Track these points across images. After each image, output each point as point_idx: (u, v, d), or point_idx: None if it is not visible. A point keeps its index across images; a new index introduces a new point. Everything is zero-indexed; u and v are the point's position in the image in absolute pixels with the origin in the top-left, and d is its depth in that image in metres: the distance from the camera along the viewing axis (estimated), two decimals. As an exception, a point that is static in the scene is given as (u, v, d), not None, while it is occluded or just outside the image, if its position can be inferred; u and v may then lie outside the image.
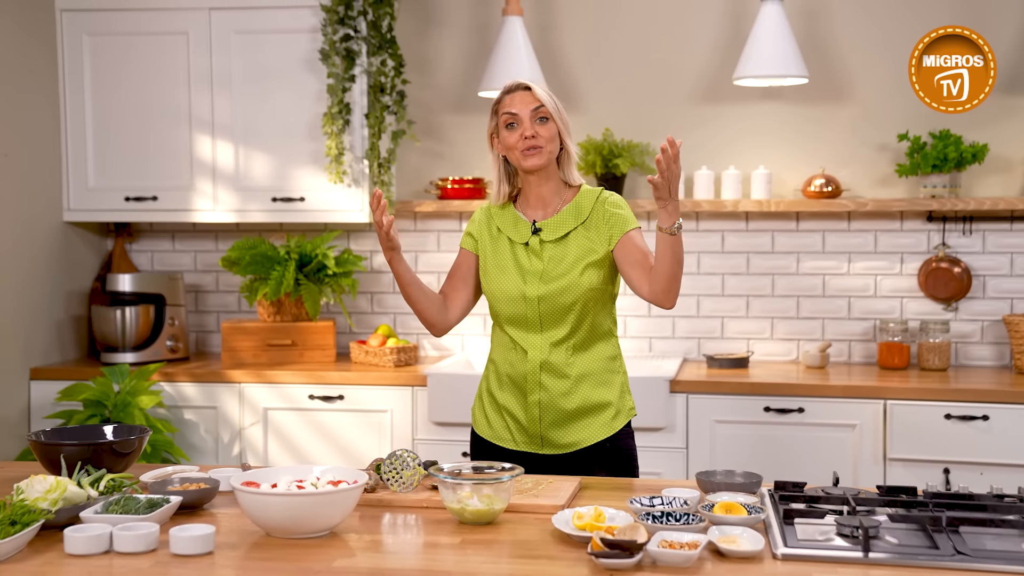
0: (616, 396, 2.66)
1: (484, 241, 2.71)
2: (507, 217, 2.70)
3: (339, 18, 4.09)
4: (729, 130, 4.32)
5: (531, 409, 2.62)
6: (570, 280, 2.58)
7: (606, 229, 2.60)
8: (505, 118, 2.61)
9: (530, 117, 2.58)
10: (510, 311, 2.64)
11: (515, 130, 2.60)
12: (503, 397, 2.68)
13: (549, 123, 2.60)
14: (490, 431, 2.71)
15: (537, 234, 2.64)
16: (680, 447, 3.83)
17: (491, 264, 2.68)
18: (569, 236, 2.62)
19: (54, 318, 4.35)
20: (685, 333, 4.38)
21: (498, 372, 2.71)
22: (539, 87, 2.63)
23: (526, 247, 2.65)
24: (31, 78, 4.20)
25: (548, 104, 2.60)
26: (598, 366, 2.64)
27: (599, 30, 4.39)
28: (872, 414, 3.74)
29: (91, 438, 2.47)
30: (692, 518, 2.00)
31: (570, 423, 2.61)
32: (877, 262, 4.26)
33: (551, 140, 2.60)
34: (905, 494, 2.20)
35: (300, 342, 4.25)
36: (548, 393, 2.61)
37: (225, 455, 4.09)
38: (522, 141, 2.58)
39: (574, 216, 2.63)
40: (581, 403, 2.61)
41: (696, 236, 4.35)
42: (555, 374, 2.60)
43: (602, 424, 2.62)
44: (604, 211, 2.62)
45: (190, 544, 1.86)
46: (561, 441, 2.62)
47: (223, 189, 4.28)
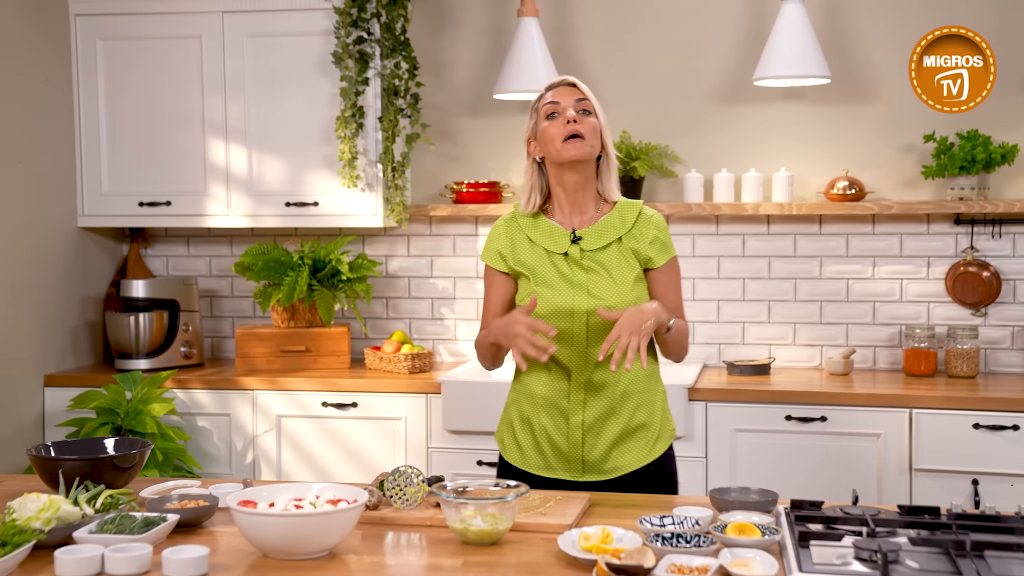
0: (659, 416, 2.54)
1: (520, 256, 2.54)
2: (540, 227, 2.54)
3: (352, 20, 4.04)
4: (749, 132, 4.24)
5: (573, 432, 2.47)
6: (622, 294, 2.45)
7: (647, 248, 2.49)
8: (547, 108, 2.49)
9: (573, 106, 2.47)
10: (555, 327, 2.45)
11: (556, 120, 2.47)
12: (540, 420, 2.51)
13: (592, 117, 2.48)
14: (522, 458, 2.54)
15: (577, 243, 2.49)
16: (699, 456, 3.75)
17: (536, 279, 2.50)
18: (611, 247, 2.49)
19: (69, 324, 4.32)
20: (705, 339, 4.30)
21: (531, 394, 2.53)
22: (582, 84, 2.54)
23: (565, 257, 2.50)
24: (46, 84, 4.17)
25: (592, 98, 2.51)
26: (640, 385, 2.51)
27: (616, 31, 4.31)
28: (897, 423, 3.64)
29: (91, 453, 2.42)
30: (703, 540, 1.93)
31: (613, 447, 2.47)
32: (903, 266, 4.16)
33: (593, 134, 2.47)
34: (928, 514, 2.11)
35: (314, 348, 4.20)
36: (592, 413, 2.47)
37: (238, 463, 4.05)
38: (564, 127, 2.44)
39: (616, 227, 2.50)
40: (626, 424, 2.48)
41: (716, 240, 4.26)
42: (600, 393, 2.47)
43: (644, 447, 2.49)
44: (648, 232, 2.50)
45: (182, 567, 1.80)
46: (603, 466, 2.48)
47: (236, 194, 4.23)
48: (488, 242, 2.61)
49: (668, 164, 4.27)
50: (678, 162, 4.28)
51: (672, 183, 4.29)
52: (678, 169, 4.28)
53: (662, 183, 4.30)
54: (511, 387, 2.63)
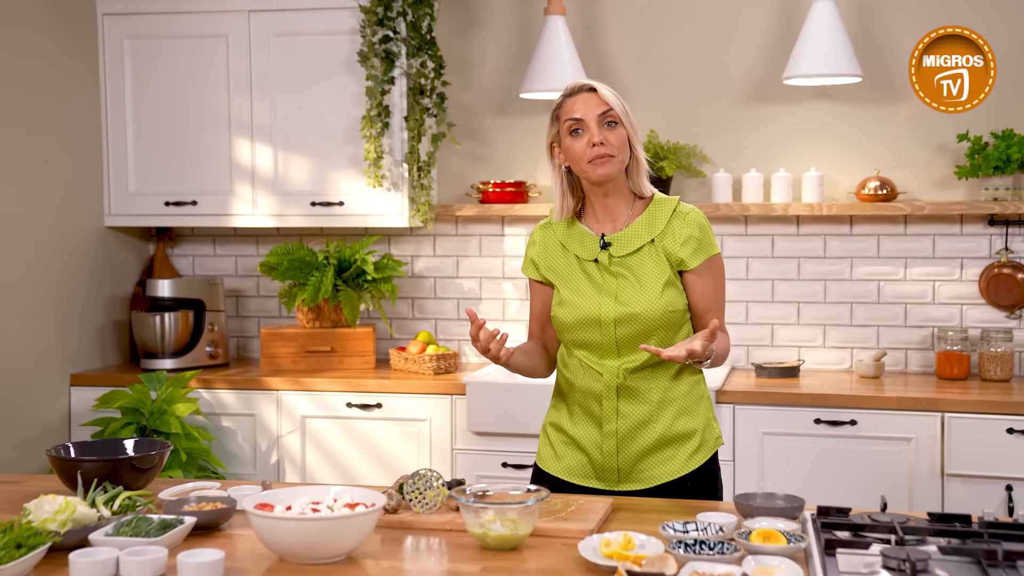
0: (702, 424, 2.44)
1: (552, 262, 2.48)
2: (572, 232, 2.46)
3: (378, 19, 4.02)
4: (779, 131, 4.18)
5: (607, 442, 2.40)
6: (649, 300, 2.36)
7: (678, 249, 2.38)
8: (569, 124, 2.36)
9: (597, 122, 2.34)
10: (583, 337, 2.40)
11: (580, 137, 2.35)
12: (575, 430, 2.45)
13: (618, 128, 2.35)
14: (558, 465, 2.47)
15: (606, 249, 2.40)
16: (727, 460, 3.70)
17: (564, 287, 2.44)
18: (643, 251, 2.39)
19: (95, 324, 4.33)
20: (733, 340, 4.24)
21: (567, 401, 2.48)
22: (605, 88, 2.38)
23: (595, 264, 2.41)
24: (73, 83, 4.18)
25: (616, 107, 2.35)
26: (681, 390, 2.41)
27: (644, 29, 4.27)
28: (929, 427, 3.58)
29: (111, 454, 2.41)
30: (727, 547, 1.89)
31: (649, 455, 2.39)
32: (935, 267, 4.09)
33: (622, 147, 2.35)
34: (959, 522, 2.06)
35: (339, 348, 4.19)
36: (626, 422, 2.39)
37: (263, 464, 4.04)
38: (590, 150, 2.33)
39: (647, 228, 2.40)
40: (663, 432, 2.39)
41: (745, 241, 4.21)
42: (634, 400, 2.38)
43: (685, 457, 2.40)
44: (682, 231, 2.39)
45: (197, 571, 1.78)
46: (640, 476, 2.40)
47: (262, 193, 4.23)
48: (526, 251, 2.56)
49: (696, 164, 4.22)
50: (706, 162, 4.23)
51: (700, 183, 4.24)
52: (706, 169, 4.23)
53: (690, 183, 4.25)
54: (554, 393, 2.57)
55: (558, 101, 2.41)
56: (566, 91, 2.41)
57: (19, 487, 2.52)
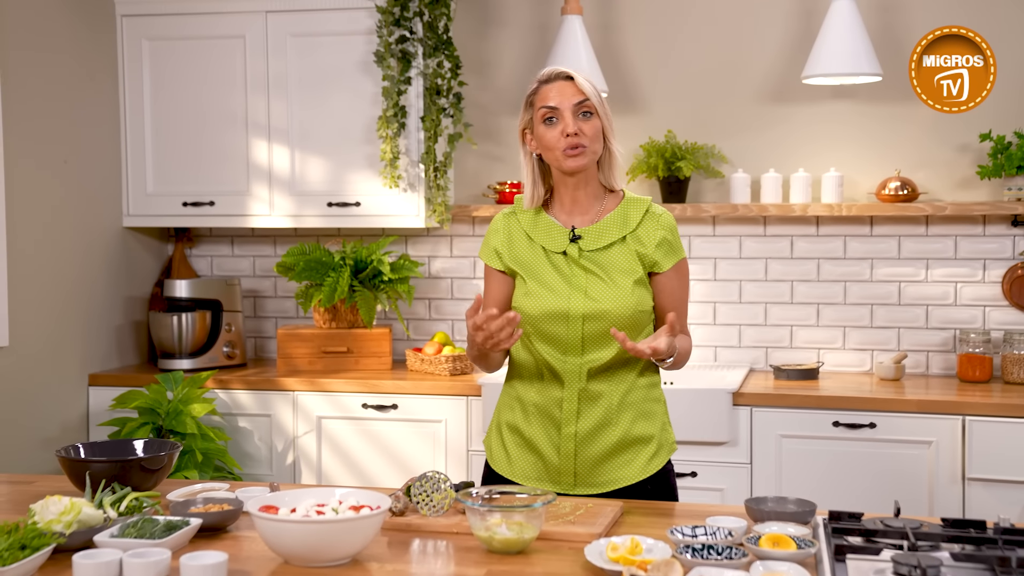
0: (658, 429, 2.42)
1: (517, 253, 2.42)
2: (539, 223, 2.42)
3: (395, 19, 4.01)
4: (798, 131, 4.14)
5: (565, 443, 2.36)
6: (620, 298, 2.33)
7: (652, 251, 2.37)
8: (543, 112, 2.32)
9: (572, 111, 2.30)
10: (548, 331, 2.35)
11: (554, 126, 2.31)
12: (530, 431, 2.40)
13: (593, 119, 2.32)
14: (510, 468, 2.43)
15: (576, 242, 2.37)
16: (744, 462, 3.67)
17: (531, 279, 2.39)
18: (613, 247, 2.36)
19: (114, 324, 4.35)
20: (752, 342, 4.21)
21: (523, 401, 2.42)
22: (581, 76, 2.33)
23: (564, 256, 2.38)
24: (92, 85, 4.20)
25: (593, 97, 2.31)
26: (640, 394, 2.39)
27: (662, 28, 4.24)
28: (950, 430, 3.53)
29: (120, 454, 2.41)
30: (735, 552, 1.86)
31: (608, 459, 2.36)
32: (957, 269, 4.04)
33: (595, 139, 2.32)
34: (973, 528, 2.02)
35: (356, 349, 4.18)
36: (586, 424, 2.35)
37: (279, 464, 4.04)
38: (563, 139, 2.29)
39: (619, 226, 2.37)
40: (622, 436, 2.36)
41: (764, 242, 4.17)
42: (595, 403, 2.35)
43: (643, 462, 2.38)
44: (655, 233, 2.37)
45: (199, 573, 1.77)
46: (596, 479, 2.37)
47: (279, 194, 4.23)
48: (486, 238, 2.49)
49: (714, 164, 4.19)
50: (725, 162, 4.20)
51: (718, 183, 4.21)
52: (725, 169, 4.20)
53: (708, 183, 4.22)
54: (502, 390, 2.52)
55: (533, 87, 2.37)
56: (542, 77, 2.36)
57: (30, 487, 2.52)
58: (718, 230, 4.20)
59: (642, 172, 4.13)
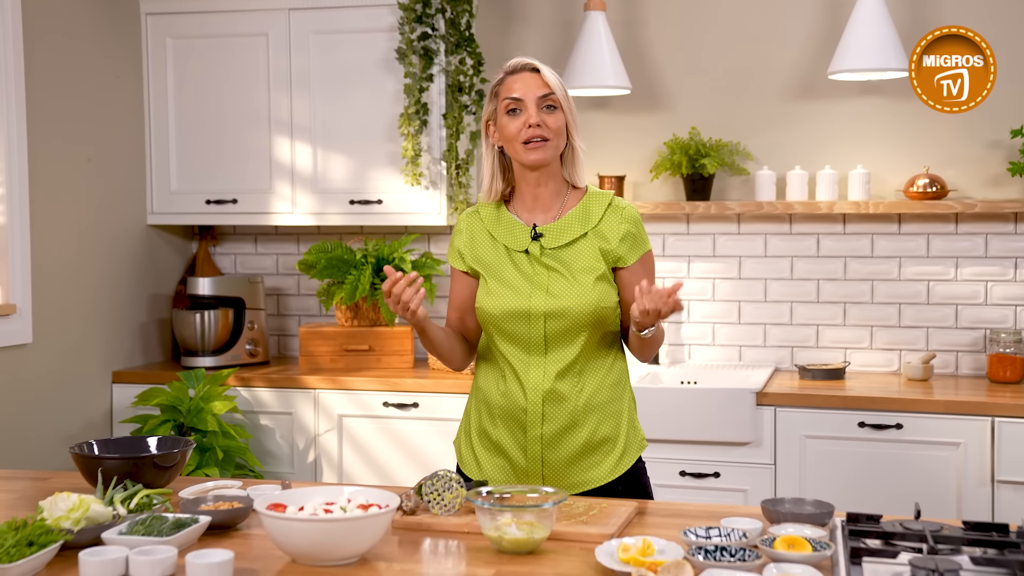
0: (625, 428, 2.39)
1: (479, 252, 2.40)
2: (501, 221, 2.39)
3: (417, 16, 3.99)
4: (825, 128, 4.09)
5: (532, 446, 2.33)
6: (581, 295, 2.30)
7: (616, 246, 2.34)
8: (507, 103, 2.29)
9: (536, 104, 2.27)
10: (510, 330, 2.33)
11: (517, 117, 2.28)
12: (497, 433, 2.37)
13: (557, 112, 2.29)
14: (479, 471, 2.41)
15: (538, 240, 2.34)
16: (767, 463, 3.62)
17: (492, 278, 2.37)
18: (575, 244, 2.34)
19: (138, 321, 4.36)
20: (777, 341, 4.15)
21: (489, 403, 2.39)
22: (548, 70, 2.31)
23: (526, 255, 2.35)
24: (116, 83, 4.21)
25: (558, 91, 2.29)
26: (604, 395, 2.36)
27: (686, 24, 4.20)
28: (978, 432, 3.46)
29: (133, 451, 2.41)
30: (748, 554, 1.82)
31: (576, 461, 2.34)
32: (988, 267, 3.97)
33: (558, 133, 2.30)
34: (996, 531, 1.97)
35: (378, 347, 4.17)
36: (552, 426, 2.32)
37: (300, 462, 4.03)
38: (525, 130, 2.26)
39: (581, 221, 2.35)
40: (588, 437, 2.33)
41: (789, 240, 4.12)
42: (560, 404, 2.32)
43: (611, 463, 2.35)
44: (619, 227, 2.35)
45: (205, 571, 1.75)
46: (565, 481, 2.34)
47: (301, 192, 4.22)
48: (451, 239, 2.48)
49: (739, 161, 4.14)
50: (750, 159, 4.15)
51: (743, 181, 4.16)
52: (750, 167, 4.15)
53: (733, 181, 4.17)
54: (470, 393, 2.50)
55: (498, 77, 2.35)
56: (508, 68, 2.34)
57: (45, 483, 2.53)
58: (743, 228, 4.15)
59: (666, 169, 4.09)
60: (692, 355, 4.23)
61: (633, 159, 4.24)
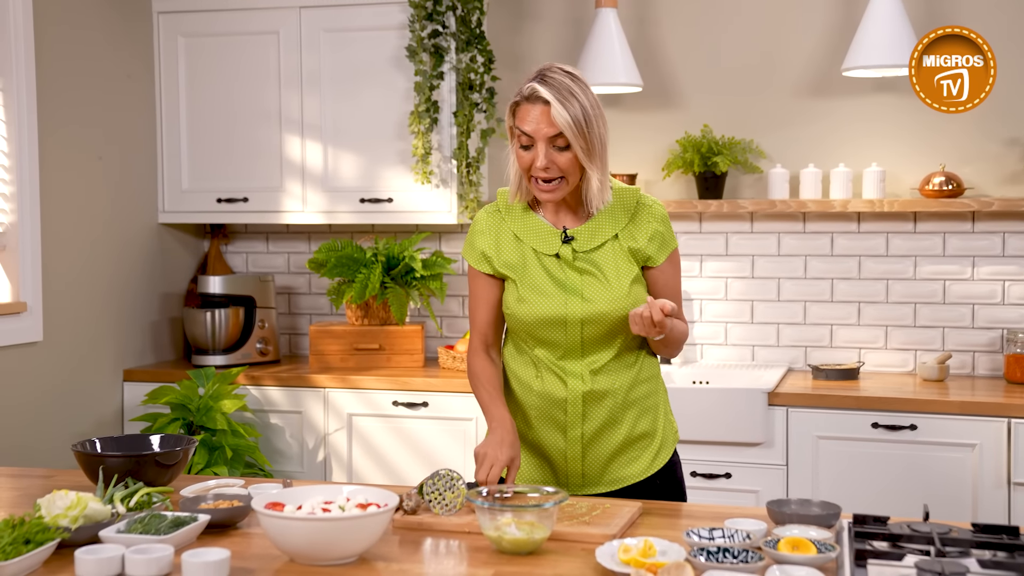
0: (661, 423, 2.39)
1: (505, 256, 2.34)
2: (528, 223, 2.33)
3: (427, 14, 3.97)
4: (838, 125, 4.04)
5: (572, 446, 2.32)
6: (617, 299, 2.26)
7: (645, 245, 2.30)
8: (519, 136, 2.21)
9: (546, 143, 2.17)
10: (545, 336, 2.29)
11: (529, 152, 2.20)
12: (534, 435, 2.35)
13: (567, 152, 2.18)
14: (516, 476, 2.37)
15: (569, 243, 2.29)
16: (779, 464, 3.58)
17: (522, 283, 2.31)
18: (607, 245, 2.30)
19: (149, 320, 4.36)
20: (791, 341, 4.11)
21: (524, 406, 2.36)
22: (559, 106, 2.14)
23: (556, 259, 2.30)
24: (128, 82, 4.21)
25: (567, 130, 2.14)
26: (641, 391, 2.35)
27: (698, 21, 4.16)
28: (995, 433, 3.42)
29: (136, 449, 2.40)
30: (751, 556, 1.79)
31: (615, 458, 2.33)
32: (1005, 267, 3.92)
33: (570, 170, 2.20)
34: (1006, 534, 1.94)
35: (388, 346, 4.15)
36: (592, 425, 2.30)
37: (310, 461, 4.02)
38: (535, 169, 2.19)
39: (611, 222, 2.30)
40: (628, 433, 2.33)
41: (803, 239, 4.08)
42: (600, 403, 2.30)
43: (648, 458, 2.35)
44: (648, 226, 2.31)
45: (201, 570, 1.74)
46: (604, 478, 2.33)
47: (312, 190, 4.21)
48: (470, 238, 2.39)
49: (752, 159, 4.10)
50: (763, 157, 4.11)
51: (756, 179, 4.13)
52: (763, 164, 4.11)
53: (746, 179, 4.14)
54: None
55: (516, 98, 2.22)
56: (524, 92, 2.20)
57: (52, 481, 2.52)
58: (756, 227, 4.11)
59: (678, 167, 4.06)
60: (704, 355, 4.19)
61: (645, 157, 4.21)
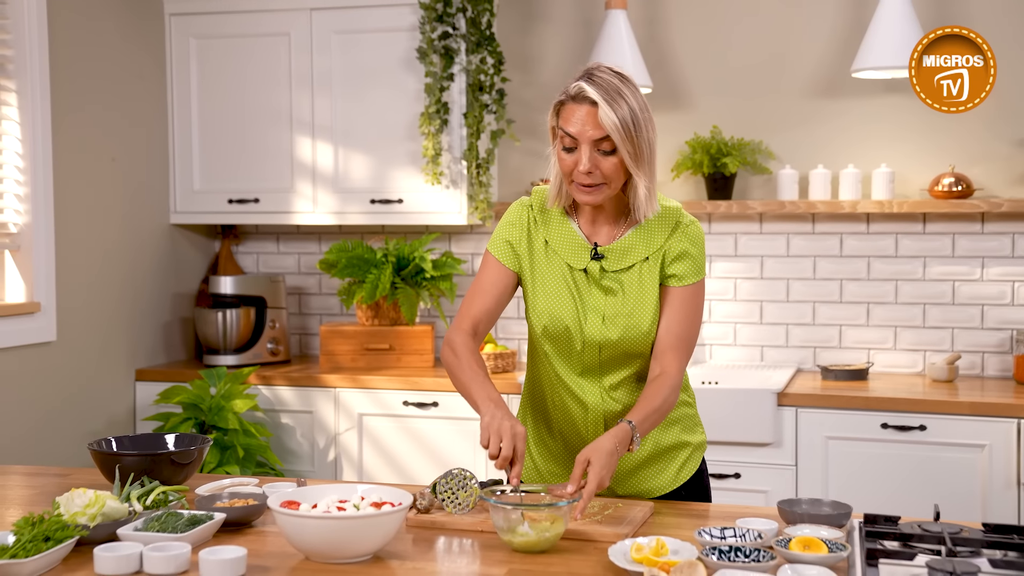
0: (690, 432, 2.34)
1: (534, 258, 2.24)
2: (562, 230, 2.22)
3: (437, 15, 3.99)
4: (848, 126, 4.05)
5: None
6: (637, 326, 2.18)
7: (670, 264, 2.19)
8: (563, 137, 2.09)
9: (590, 146, 2.06)
10: (558, 349, 2.23)
11: (572, 154, 2.09)
12: (556, 445, 2.32)
13: (614, 156, 2.07)
14: (537, 475, 2.36)
15: (599, 260, 2.20)
16: (788, 464, 3.59)
17: (542, 293, 2.23)
18: (636, 267, 2.20)
19: (161, 320, 4.39)
20: (800, 342, 4.12)
21: (547, 415, 2.31)
22: (606, 107, 2.03)
23: (584, 274, 2.21)
24: (140, 83, 4.24)
25: (615, 134, 2.03)
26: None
27: (708, 22, 4.17)
28: (1004, 434, 3.42)
29: (151, 448, 2.42)
30: (763, 555, 1.81)
31: (640, 470, 2.28)
32: (1014, 267, 3.92)
33: (614, 176, 2.09)
34: (1017, 534, 1.95)
35: (398, 346, 4.17)
36: None
37: (321, 461, 4.04)
38: (577, 173, 2.08)
39: (644, 241, 2.19)
40: (653, 448, 2.27)
41: (812, 239, 4.09)
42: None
43: (675, 469, 2.31)
44: (679, 244, 2.19)
45: (218, 568, 1.76)
46: (631, 490, 2.29)
47: (322, 191, 4.23)
48: (500, 228, 2.27)
49: (761, 160, 4.11)
50: (772, 158, 4.12)
51: (766, 180, 4.14)
52: (772, 165, 4.13)
53: (755, 180, 4.15)
54: (522, 400, 2.40)
55: (561, 97, 2.12)
56: (571, 91, 2.09)
57: (66, 480, 2.54)
58: (765, 227, 4.13)
59: (687, 169, 4.07)
60: (713, 355, 4.20)
61: (655, 158, 4.22)
